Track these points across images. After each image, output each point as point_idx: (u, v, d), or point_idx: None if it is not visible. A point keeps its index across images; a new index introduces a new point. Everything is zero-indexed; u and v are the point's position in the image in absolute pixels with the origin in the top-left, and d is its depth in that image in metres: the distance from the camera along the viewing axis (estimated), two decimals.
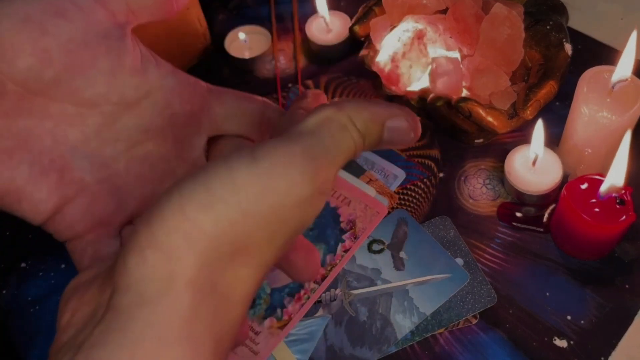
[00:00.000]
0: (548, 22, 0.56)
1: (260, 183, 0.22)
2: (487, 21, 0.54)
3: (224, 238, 0.21)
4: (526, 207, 0.53)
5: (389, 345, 0.47)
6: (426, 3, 0.58)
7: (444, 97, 0.53)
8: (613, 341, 0.46)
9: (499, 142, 0.58)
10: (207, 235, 0.21)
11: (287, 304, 0.50)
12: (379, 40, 0.58)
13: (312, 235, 0.53)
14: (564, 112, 0.53)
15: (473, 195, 0.55)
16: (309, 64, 0.66)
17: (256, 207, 0.22)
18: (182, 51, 0.64)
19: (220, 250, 0.21)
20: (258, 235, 0.22)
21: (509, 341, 0.47)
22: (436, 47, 0.57)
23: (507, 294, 0.49)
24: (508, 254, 0.51)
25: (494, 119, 0.51)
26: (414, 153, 0.58)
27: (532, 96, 0.52)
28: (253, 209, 0.22)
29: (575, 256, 0.50)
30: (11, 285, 0.53)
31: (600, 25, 0.65)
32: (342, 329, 0.48)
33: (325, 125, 0.24)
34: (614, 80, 0.48)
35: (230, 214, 0.21)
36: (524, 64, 0.56)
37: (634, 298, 0.48)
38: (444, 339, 0.47)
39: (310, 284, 0.50)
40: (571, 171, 0.54)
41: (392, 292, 0.49)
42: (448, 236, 0.52)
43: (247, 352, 0.47)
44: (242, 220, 0.21)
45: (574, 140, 0.52)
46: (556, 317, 0.48)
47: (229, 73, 0.66)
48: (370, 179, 0.56)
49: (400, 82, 0.56)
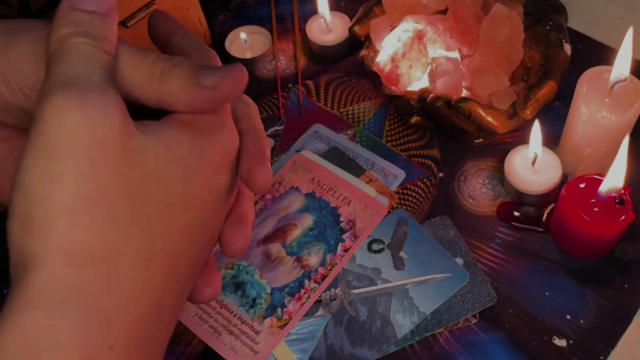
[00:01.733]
0: (548, 22, 0.56)
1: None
2: (487, 21, 0.54)
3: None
4: (526, 207, 0.53)
5: (388, 345, 0.47)
6: (426, 3, 0.58)
7: (444, 97, 0.53)
8: (612, 341, 0.46)
9: (498, 142, 0.58)
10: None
11: (288, 304, 0.50)
12: (379, 40, 0.58)
13: (312, 235, 0.53)
14: (564, 112, 0.53)
15: (473, 195, 0.55)
16: (309, 64, 0.66)
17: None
18: None
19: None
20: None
21: (508, 341, 0.47)
22: (436, 47, 0.57)
23: (506, 294, 0.49)
24: (508, 253, 0.51)
25: (494, 119, 0.51)
26: (414, 153, 0.58)
27: (531, 96, 0.52)
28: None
29: (575, 256, 0.50)
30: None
31: (599, 25, 0.65)
32: (342, 329, 0.48)
33: (54, 62, 0.24)
34: (612, 80, 0.48)
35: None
36: (524, 64, 0.56)
37: (633, 298, 0.48)
38: (443, 338, 0.48)
39: (310, 283, 0.50)
40: (571, 171, 0.54)
41: (392, 291, 0.49)
42: (448, 236, 0.52)
43: (248, 351, 0.48)
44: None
45: (573, 140, 0.52)
46: (556, 316, 0.48)
47: None
48: (370, 179, 0.56)
49: (400, 82, 0.56)
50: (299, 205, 0.55)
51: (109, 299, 0.23)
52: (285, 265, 0.51)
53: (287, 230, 0.53)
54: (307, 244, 0.52)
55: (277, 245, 0.52)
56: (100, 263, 0.23)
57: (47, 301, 0.22)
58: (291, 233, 0.53)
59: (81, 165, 0.22)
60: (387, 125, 0.60)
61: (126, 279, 0.24)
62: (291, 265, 0.51)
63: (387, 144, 0.59)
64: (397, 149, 0.58)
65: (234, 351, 0.48)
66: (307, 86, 0.64)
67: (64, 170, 0.22)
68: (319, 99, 0.63)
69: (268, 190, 0.28)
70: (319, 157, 0.58)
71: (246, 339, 0.48)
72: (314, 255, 0.52)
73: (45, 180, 0.22)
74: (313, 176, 0.56)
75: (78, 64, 0.24)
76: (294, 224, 0.54)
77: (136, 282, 0.24)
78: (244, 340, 0.48)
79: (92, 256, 0.23)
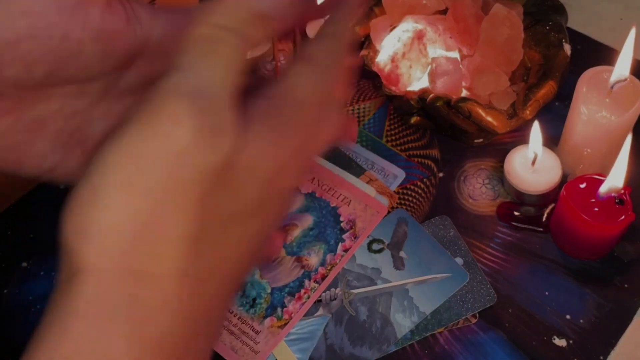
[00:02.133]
0: (547, 22, 0.56)
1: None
2: (487, 21, 0.54)
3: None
4: (526, 207, 0.53)
5: (388, 345, 0.47)
6: (426, 3, 0.58)
7: (444, 97, 0.53)
8: (612, 340, 0.46)
9: (498, 142, 0.58)
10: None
11: (288, 303, 0.50)
12: (379, 40, 0.58)
13: (312, 234, 0.53)
14: (564, 112, 0.53)
15: (473, 195, 0.55)
16: None
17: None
18: None
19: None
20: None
21: (508, 340, 0.47)
22: (436, 47, 0.57)
23: (506, 294, 0.49)
24: (508, 253, 0.51)
25: (494, 119, 0.51)
26: (414, 153, 0.58)
27: (531, 96, 0.52)
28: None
29: (575, 256, 0.50)
30: (12, 285, 0.53)
31: (599, 25, 0.65)
32: (342, 328, 0.48)
33: (192, 52, 0.22)
34: (612, 80, 0.48)
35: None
36: (524, 64, 0.56)
37: (633, 297, 0.48)
38: (443, 338, 0.48)
39: (310, 283, 0.50)
40: (570, 171, 0.54)
41: (392, 291, 0.49)
42: (448, 236, 0.52)
43: (248, 351, 0.48)
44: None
45: (573, 140, 0.52)
46: (555, 316, 0.48)
47: None
48: (370, 178, 0.56)
49: (400, 82, 0.56)
50: (299, 205, 0.55)
51: (164, 318, 0.22)
52: (285, 265, 0.51)
53: (287, 230, 0.53)
54: (307, 243, 0.52)
55: None
56: (163, 281, 0.21)
57: (99, 313, 0.20)
58: (291, 233, 0.53)
59: (165, 191, 0.20)
60: (387, 125, 0.60)
61: (190, 299, 0.22)
62: (291, 265, 0.51)
63: (387, 144, 0.59)
64: (397, 148, 0.58)
65: (234, 351, 0.48)
66: None
67: (150, 186, 0.20)
68: None
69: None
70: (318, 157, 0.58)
71: (246, 338, 0.48)
72: (314, 255, 0.52)
73: (120, 188, 0.20)
74: (313, 176, 0.56)
75: (217, 69, 0.22)
76: (294, 223, 0.54)
77: (197, 301, 0.23)
78: (244, 340, 0.48)
79: (157, 274, 0.21)
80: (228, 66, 0.22)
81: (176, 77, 0.21)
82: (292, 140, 0.24)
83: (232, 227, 0.23)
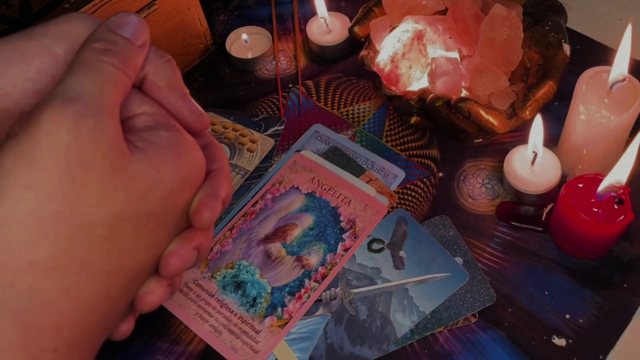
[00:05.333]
0: (547, 23, 0.56)
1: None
2: (487, 22, 0.54)
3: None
4: (525, 207, 0.53)
5: (388, 344, 0.47)
6: (426, 3, 0.58)
7: (444, 97, 0.53)
8: (611, 340, 0.47)
9: (498, 142, 0.58)
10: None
11: (288, 303, 0.50)
12: (378, 40, 0.58)
13: (312, 234, 0.53)
14: (563, 112, 0.53)
15: (472, 194, 0.55)
16: (309, 64, 0.67)
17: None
18: (183, 51, 0.65)
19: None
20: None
21: (508, 340, 0.47)
22: (435, 47, 0.57)
23: (506, 293, 0.49)
24: (507, 253, 0.51)
25: (493, 119, 0.52)
26: (414, 153, 0.58)
27: (531, 96, 0.52)
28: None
29: (574, 255, 0.50)
30: None
31: (599, 25, 0.66)
32: (342, 328, 0.48)
33: (72, 71, 0.26)
34: (611, 80, 0.48)
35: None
36: (523, 64, 0.56)
37: (632, 297, 0.48)
38: (443, 337, 0.48)
39: (310, 282, 0.51)
40: (570, 171, 0.54)
41: (391, 291, 0.50)
42: (447, 235, 0.52)
43: (248, 350, 0.48)
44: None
45: (572, 140, 0.52)
46: (555, 316, 0.48)
47: (230, 73, 0.67)
48: (370, 178, 0.56)
49: (399, 82, 0.56)
50: (299, 204, 0.55)
51: (62, 306, 0.24)
52: (286, 264, 0.52)
53: (288, 229, 0.53)
54: (308, 243, 0.53)
55: (277, 245, 0.53)
56: (58, 273, 0.24)
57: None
58: (291, 232, 0.53)
59: (59, 181, 0.23)
60: (387, 125, 0.60)
61: (84, 289, 0.25)
62: (291, 265, 0.52)
63: (387, 144, 0.59)
64: (397, 148, 0.59)
65: (235, 350, 0.48)
66: (307, 86, 0.65)
67: (41, 182, 0.23)
68: (319, 99, 0.63)
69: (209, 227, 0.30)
70: (319, 157, 0.58)
71: (246, 338, 0.48)
72: (314, 255, 0.52)
73: (19, 186, 0.23)
74: (313, 176, 0.56)
75: (92, 81, 0.25)
76: (294, 223, 0.54)
77: (93, 293, 0.25)
78: (245, 340, 0.48)
79: (51, 267, 0.23)
80: (104, 80, 0.26)
81: (55, 89, 0.25)
82: (188, 156, 0.28)
83: (125, 226, 0.26)
